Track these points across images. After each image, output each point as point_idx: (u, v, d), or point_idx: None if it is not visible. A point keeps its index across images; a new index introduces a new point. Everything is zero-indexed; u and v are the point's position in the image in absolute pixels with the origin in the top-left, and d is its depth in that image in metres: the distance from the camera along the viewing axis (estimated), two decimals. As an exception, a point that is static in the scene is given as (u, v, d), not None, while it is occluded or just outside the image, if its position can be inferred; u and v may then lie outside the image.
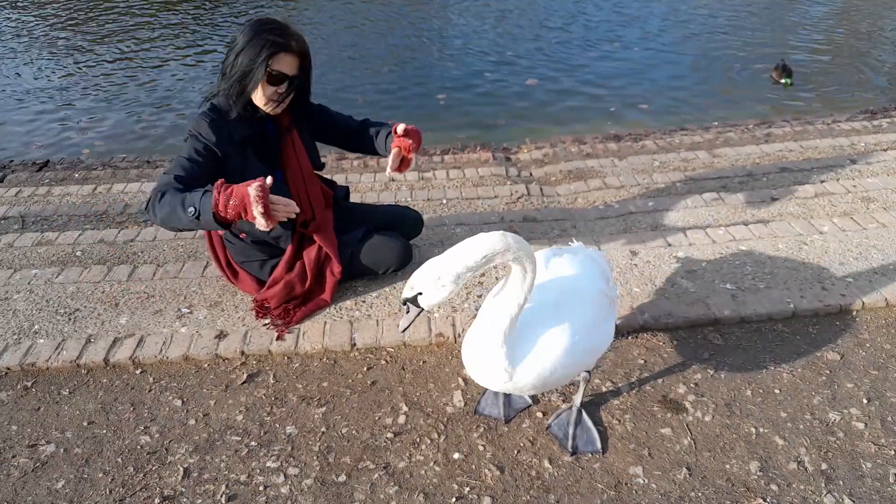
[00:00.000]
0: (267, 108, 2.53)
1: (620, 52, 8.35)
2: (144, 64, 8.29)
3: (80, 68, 8.22)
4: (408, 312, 1.78)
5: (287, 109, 2.62)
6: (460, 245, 1.67)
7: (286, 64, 2.46)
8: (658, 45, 8.57)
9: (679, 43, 8.63)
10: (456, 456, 2.14)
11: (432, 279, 1.67)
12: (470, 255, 1.65)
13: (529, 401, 2.31)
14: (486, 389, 2.35)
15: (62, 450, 2.22)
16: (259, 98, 2.50)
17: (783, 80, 7.04)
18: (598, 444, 2.15)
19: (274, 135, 2.67)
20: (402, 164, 2.68)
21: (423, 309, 1.74)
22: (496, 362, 1.80)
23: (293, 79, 2.50)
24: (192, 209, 2.17)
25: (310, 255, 2.78)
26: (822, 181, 3.90)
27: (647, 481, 2.04)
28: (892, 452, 2.10)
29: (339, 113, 2.95)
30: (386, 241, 2.88)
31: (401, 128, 2.62)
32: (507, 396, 2.30)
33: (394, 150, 2.63)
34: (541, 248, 3.07)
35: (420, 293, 1.70)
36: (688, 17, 9.55)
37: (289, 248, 2.79)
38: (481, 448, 2.16)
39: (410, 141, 2.63)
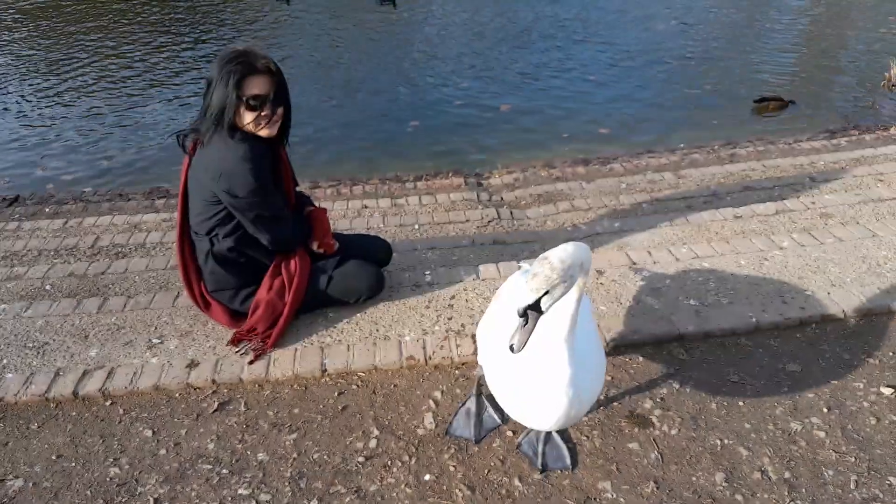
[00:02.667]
0: (262, 132, 2.59)
1: (591, 77, 8.51)
2: (109, 95, 8.27)
3: (42, 99, 8.20)
4: (525, 325, 1.59)
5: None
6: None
7: (257, 85, 2.51)
8: (627, 70, 8.75)
9: (648, 68, 8.82)
10: (427, 477, 2.16)
11: (561, 272, 1.55)
12: (583, 252, 1.61)
13: (499, 420, 2.33)
14: (458, 410, 2.37)
15: (31, 484, 2.20)
16: (249, 126, 2.57)
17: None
18: (568, 461, 2.18)
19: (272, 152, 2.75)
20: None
21: (541, 314, 1.60)
22: (568, 399, 1.77)
23: (269, 97, 2.54)
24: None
25: (289, 267, 2.82)
26: (782, 199, 4.01)
27: (615, 496, 2.07)
28: (853, 459, 2.16)
29: None
30: (360, 269, 2.92)
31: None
32: (479, 416, 2.32)
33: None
34: (509, 268, 3.14)
35: (547, 292, 1.57)
36: (655, 44, 9.77)
37: (274, 262, 2.82)
38: (452, 469, 2.18)
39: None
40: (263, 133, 2.60)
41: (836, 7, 11.37)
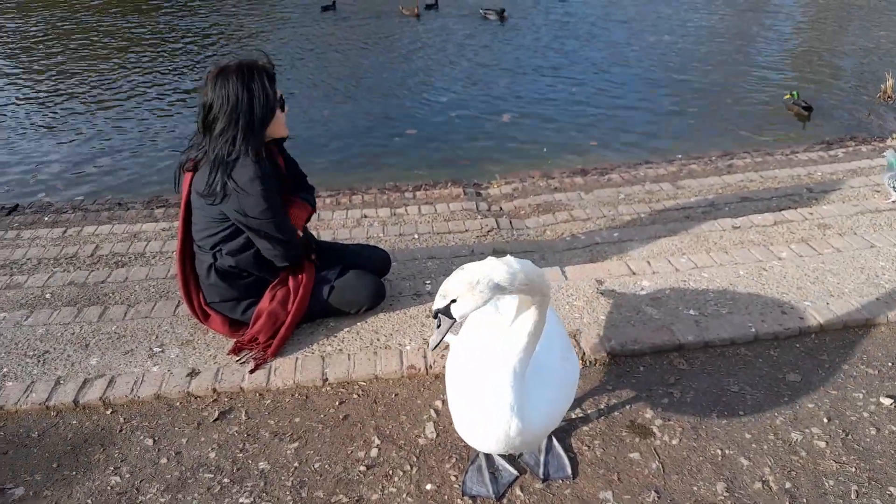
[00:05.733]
0: (285, 133, 2.76)
1: (590, 89, 8.56)
2: (104, 105, 8.29)
3: (37, 107, 8.21)
4: (439, 326, 1.66)
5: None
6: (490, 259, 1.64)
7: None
8: (626, 82, 8.80)
9: (645, 81, 8.87)
10: (428, 487, 2.16)
11: (467, 284, 1.59)
12: (499, 271, 1.60)
13: (515, 472, 2.19)
14: (468, 468, 2.22)
15: (31, 492, 2.19)
16: (280, 129, 2.70)
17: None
18: (569, 470, 2.18)
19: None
20: None
21: (454, 320, 1.63)
22: (506, 419, 1.75)
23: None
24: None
25: (295, 278, 2.83)
26: (780, 209, 4.03)
27: (616, 505, 2.07)
28: (854, 469, 2.16)
29: None
30: (361, 279, 2.92)
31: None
32: (493, 472, 2.18)
33: None
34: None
35: (454, 301, 1.61)
36: (651, 58, 9.83)
37: (281, 274, 2.83)
38: (453, 478, 2.18)
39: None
40: (286, 132, 2.75)
41: (830, 21, 11.46)
